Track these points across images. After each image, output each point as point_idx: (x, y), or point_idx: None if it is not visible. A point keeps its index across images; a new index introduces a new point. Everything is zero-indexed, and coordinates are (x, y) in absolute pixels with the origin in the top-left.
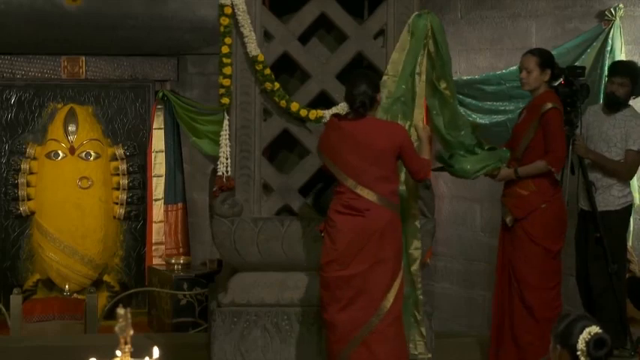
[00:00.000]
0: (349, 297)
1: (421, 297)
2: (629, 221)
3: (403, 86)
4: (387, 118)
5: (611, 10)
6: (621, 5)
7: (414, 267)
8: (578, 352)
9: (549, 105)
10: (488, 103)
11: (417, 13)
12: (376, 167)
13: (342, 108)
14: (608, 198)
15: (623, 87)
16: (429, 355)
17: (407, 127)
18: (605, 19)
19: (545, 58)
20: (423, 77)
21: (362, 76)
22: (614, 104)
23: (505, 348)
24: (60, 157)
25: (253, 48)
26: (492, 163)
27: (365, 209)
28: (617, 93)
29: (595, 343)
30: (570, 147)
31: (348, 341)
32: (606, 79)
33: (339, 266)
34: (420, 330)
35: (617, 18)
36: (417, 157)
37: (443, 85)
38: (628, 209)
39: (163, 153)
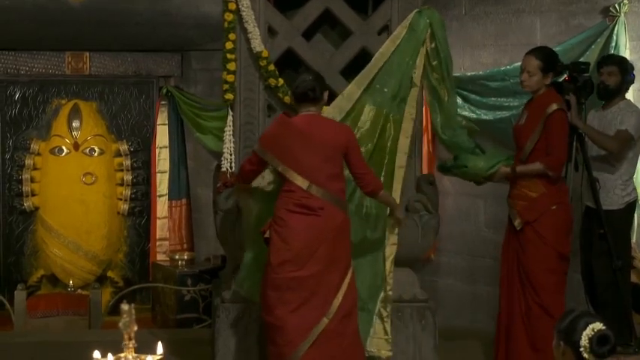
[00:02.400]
0: (302, 298)
1: (390, 293)
2: (632, 218)
3: (393, 81)
4: (387, 114)
5: (616, 6)
6: (626, 1)
7: (388, 263)
8: (582, 349)
9: (555, 106)
10: (493, 99)
11: (417, 9)
12: (328, 165)
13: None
14: (612, 197)
15: (612, 76)
16: (390, 354)
17: (409, 136)
18: (609, 15)
19: (548, 62)
20: (417, 78)
21: (309, 73)
22: (607, 93)
23: (520, 353)
24: (64, 153)
25: (257, 44)
26: (504, 159)
27: (319, 208)
28: (607, 82)
29: (598, 339)
30: (574, 144)
31: (298, 344)
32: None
33: (294, 267)
34: (385, 327)
35: (622, 14)
36: (364, 161)
37: (440, 84)
38: (631, 206)
39: (167, 149)
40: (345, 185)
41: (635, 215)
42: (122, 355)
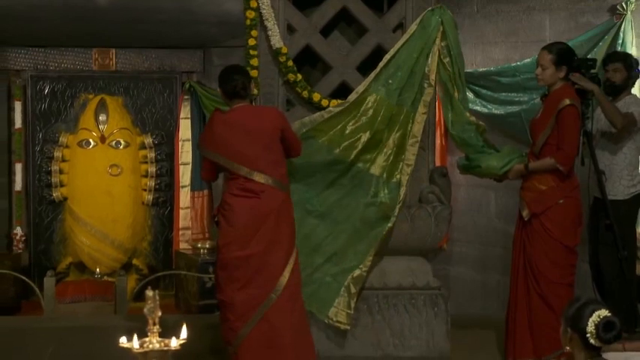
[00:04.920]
0: (248, 276)
1: (364, 274)
2: (637, 209)
3: (399, 74)
4: (391, 104)
5: (623, 4)
6: (632, 0)
7: (372, 249)
8: (588, 335)
9: (567, 101)
10: (504, 94)
11: (430, 8)
12: (267, 152)
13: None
14: (617, 188)
15: (617, 72)
16: (348, 327)
17: (410, 127)
18: (616, 13)
19: (560, 56)
20: (432, 79)
21: (234, 68)
22: (613, 90)
23: (522, 341)
24: (91, 146)
25: (277, 41)
26: (516, 157)
27: (260, 191)
28: (612, 79)
29: (604, 325)
30: (580, 139)
31: (248, 319)
32: (603, 70)
33: (238, 247)
34: (350, 302)
35: (629, 12)
36: (295, 137)
37: (451, 81)
38: (637, 198)
39: (190, 142)
40: (286, 170)
41: None
42: (147, 339)
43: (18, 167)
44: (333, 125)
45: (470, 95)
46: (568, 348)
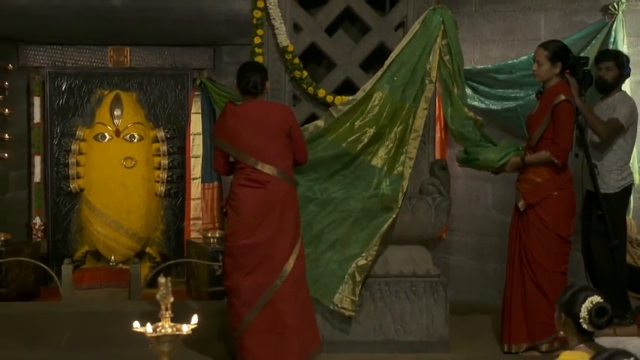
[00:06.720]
0: (254, 264)
1: (369, 263)
2: (628, 201)
3: (403, 71)
4: (393, 100)
5: (615, 4)
6: (624, 0)
7: (377, 238)
8: (581, 320)
9: (562, 97)
10: (500, 90)
11: (431, 7)
12: (273, 144)
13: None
14: (608, 182)
15: (609, 70)
16: (353, 314)
17: (411, 121)
18: (608, 13)
19: (555, 52)
20: (433, 76)
21: (251, 65)
22: (605, 87)
23: (517, 326)
24: (106, 139)
25: (284, 39)
26: (513, 151)
27: (266, 181)
28: (605, 77)
29: (597, 311)
30: (574, 132)
31: (253, 304)
32: (595, 67)
33: (244, 235)
34: (354, 289)
35: (620, 12)
36: (302, 139)
37: (451, 78)
38: (627, 190)
39: (201, 135)
40: (292, 163)
41: (632, 198)
42: (159, 324)
43: (37, 160)
44: (342, 123)
45: (468, 91)
46: (562, 333)
